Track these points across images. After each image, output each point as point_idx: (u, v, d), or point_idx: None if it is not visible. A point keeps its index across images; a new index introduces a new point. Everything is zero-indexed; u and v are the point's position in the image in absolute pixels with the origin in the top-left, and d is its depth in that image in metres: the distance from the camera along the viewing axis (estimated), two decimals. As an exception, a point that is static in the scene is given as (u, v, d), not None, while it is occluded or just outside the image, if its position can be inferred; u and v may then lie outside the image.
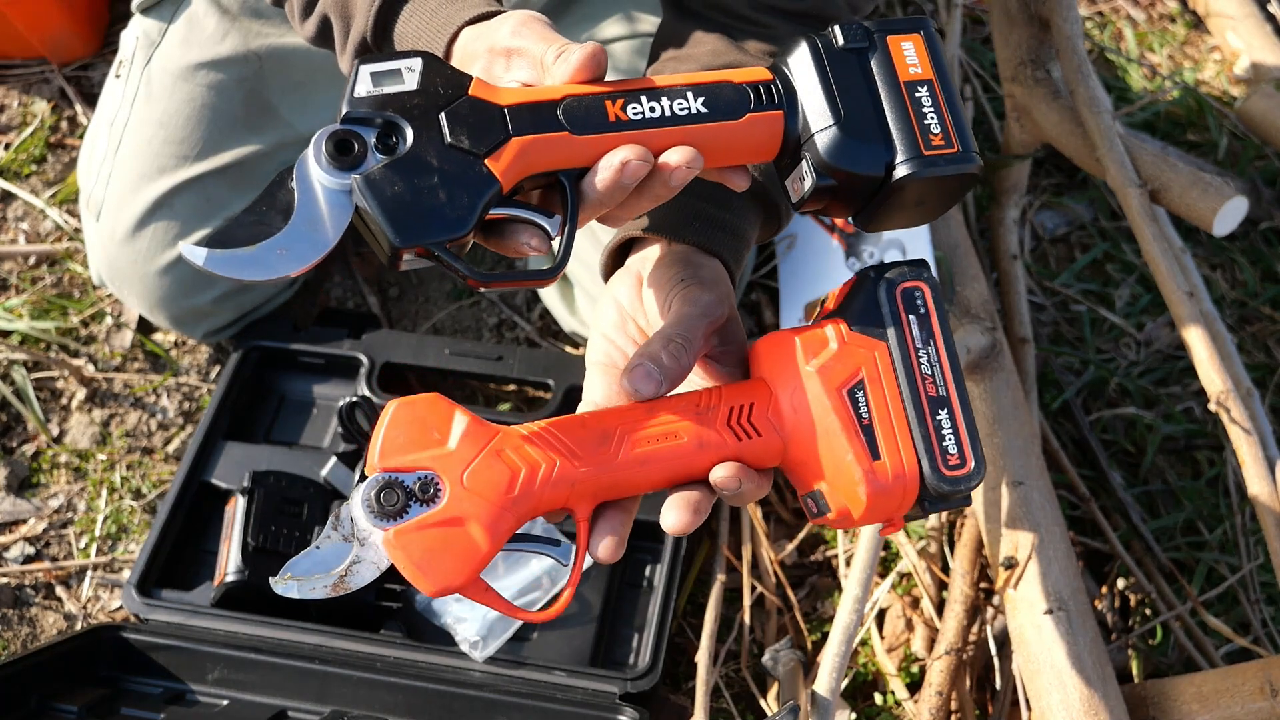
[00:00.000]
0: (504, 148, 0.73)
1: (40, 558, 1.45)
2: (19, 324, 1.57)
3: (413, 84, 0.73)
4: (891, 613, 1.43)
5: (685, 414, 0.78)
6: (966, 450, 0.77)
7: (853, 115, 0.77)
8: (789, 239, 1.60)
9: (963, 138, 0.78)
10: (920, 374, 0.77)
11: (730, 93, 0.78)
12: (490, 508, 0.73)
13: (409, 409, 0.74)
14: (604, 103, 0.75)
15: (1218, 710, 1.17)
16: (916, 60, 0.79)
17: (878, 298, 0.78)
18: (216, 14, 1.40)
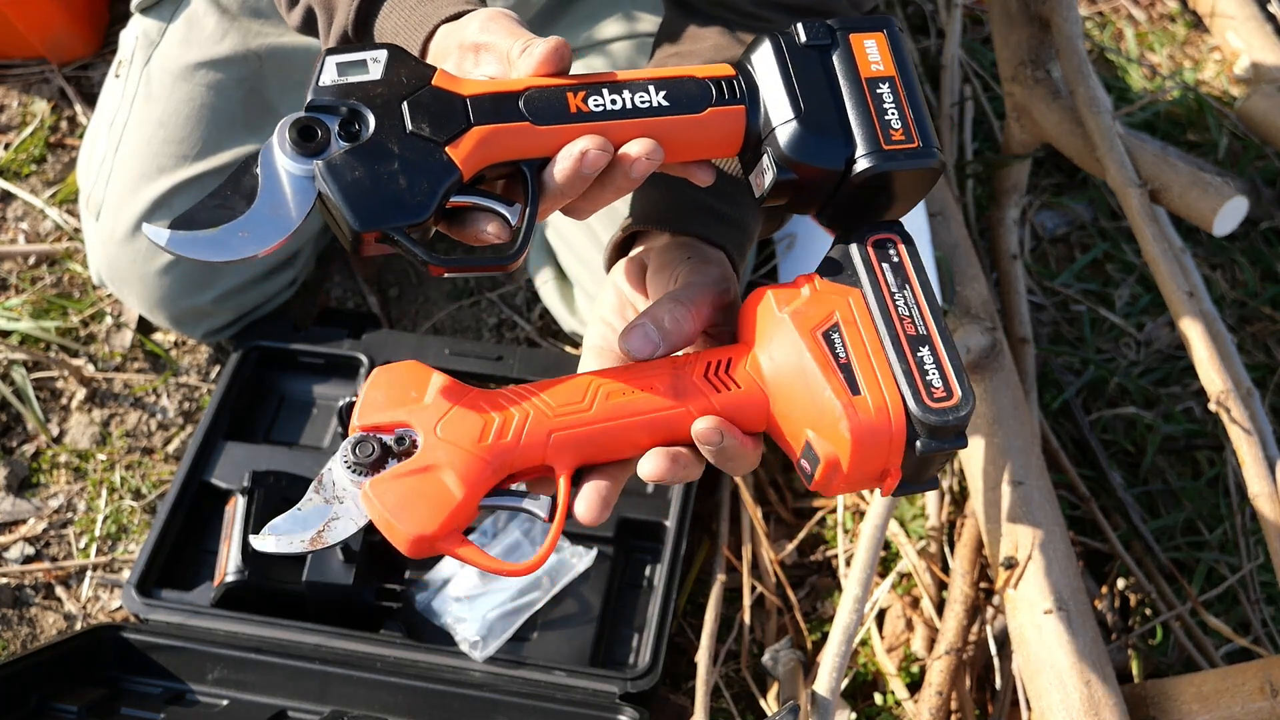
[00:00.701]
0: (464, 136, 0.74)
1: (40, 558, 1.45)
2: (19, 324, 1.57)
3: (377, 74, 0.74)
4: (891, 613, 1.43)
5: (661, 369, 0.78)
6: (952, 383, 0.75)
7: (813, 110, 0.78)
8: (789, 239, 1.60)
9: (924, 133, 0.79)
10: (897, 314, 0.76)
11: (693, 87, 0.79)
12: (464, 455, 0.74)
13: (387, 374, 0.76)
14: (566, 94, 0.76)
15: (1218, 710, 1.17)
16: (879, 58, 0.80)
17: (848, 250, 0.78)
18: (216, 13, 1.40)
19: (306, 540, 0.77)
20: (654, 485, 1.43)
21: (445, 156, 0.74)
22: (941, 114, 1.78)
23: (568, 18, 1.45)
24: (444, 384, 0.76)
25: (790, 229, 1.60)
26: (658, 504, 1.39)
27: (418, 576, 1.34)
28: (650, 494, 1.42)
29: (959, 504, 1.49)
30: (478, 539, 1.35)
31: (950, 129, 1.77)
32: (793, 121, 0.78)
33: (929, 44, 1.96)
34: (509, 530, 1.35)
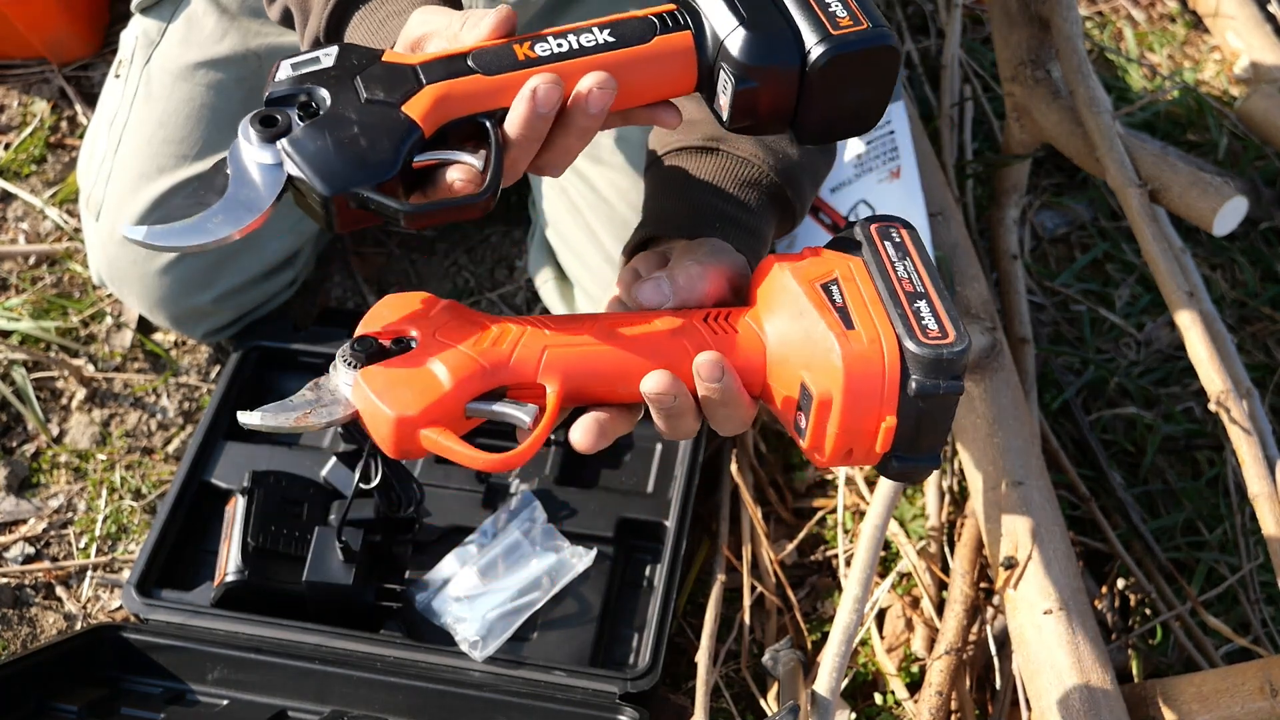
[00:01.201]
0: (418, 94, 0.76)
1: (40, 558, 1.45)
2: (19, 324, 1.57)
3: (329, 62, 0.77)
4: (891, 613, 1.43)
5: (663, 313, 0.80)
6: (947, 325, 0.74)
7: (756, 14, 0.79)
8: (789, 239, 1.60)
9: (870, 15, 0.79)
10: (896, 276, 0.77)
11: (637, 23, 0.80)
12: (457, 353, 0.75)
13: (396, 298, 0.79)
14: (512, 47, 0.79)
15: (1218, 710, 1.17)
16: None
17: (853, 230, 0.80)
18: (216, 13, 1.40)
19: (292, 419, 0.76)
20: (654, 485, 1.43)
21: (403, 114, 0.75)
22: (942, 114, 1.78)
23: (567, 18, 1.45)
24: (448, 303, 0.78)
25: (790, 229, 1.61)
26: (658, 504, 1.39)
27: (418, 576, 1.34)
28: (650, 494, 1.42)
29: (959, 504, 1.49)
30: (477, 538, 1.35)
31: (950, 129, 1.77)
32: (739, 28, 0.78)
33: (929, 44, 1.96)
34: (509, 530, 1.35)
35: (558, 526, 1.37)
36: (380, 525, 1.31)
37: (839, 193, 1.56)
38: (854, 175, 1.56)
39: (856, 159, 1.57)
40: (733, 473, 1.47)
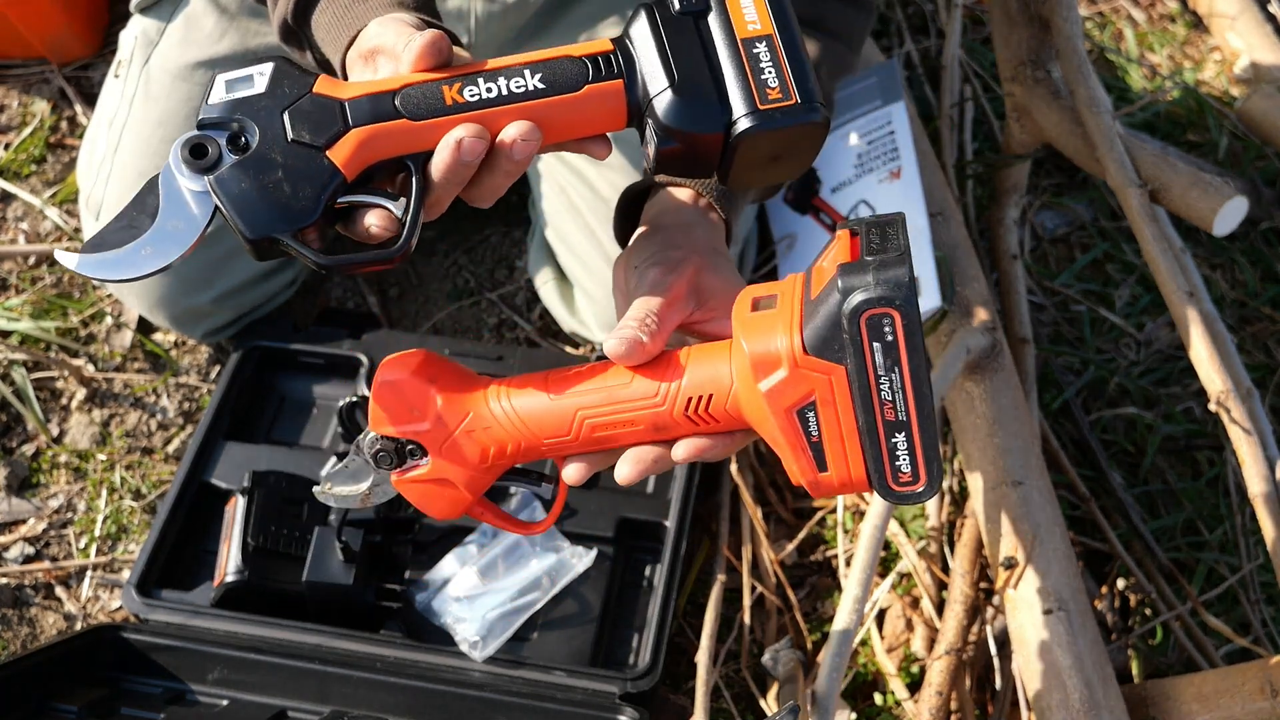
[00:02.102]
0: (343, 139, 0.77)
1: (40, 558, 1.45)
2: (19, 324, 1.57)
3: (262, 87, 0.78)
4: (891, 613, 1.43)
5: (646, 405, 0.80)
6: (921, 470, 0.76)
7: (686, 78, 0.79)
8: (789, 239, 1.60)
9: (803, 89, 0.79)
10: (879, 399, 0.74)
11: (569, 67, 0.80)
12: (466, 473, 0.84)
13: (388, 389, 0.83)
14: (441, 88, 0.78)
15: (1218, 710, 1.17)
16: (755, 16, 0.79)
17: (840, 323, 0.73)
18: (215, 13, 1.40)
19: (358, 500, 0.87)
20: (654, 485, 1.43)
21: (326, 161, 0.77)
22: (942, 114, 1.78)
23: (567, 18, 1.45)
24: (441, 405, 0.82)
25: (790, 229, 1.60)
26: (658, 504, 1.39)
27: (418, 576, 1.34)
28: (650, 494, 1.42)
29: (959, 504, 1.49)
30: (477, 537, 1.36)
31: (950, 129, 1.77)
32: (667, 91, 0.79)
33: (929, 44, 1.96)
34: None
35: (558, 526, 1.37)
36: (380, 525, 1.31)
37: (839, 193, 1.56)
38: (854, 175, 1.56)
39: (857, 159, 1.57)
40: (733, 473, 1.47)
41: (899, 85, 1.58)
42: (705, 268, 0.89)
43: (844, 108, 1.61)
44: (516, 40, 1.46)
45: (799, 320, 0.75)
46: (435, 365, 0.84)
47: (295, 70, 0.79)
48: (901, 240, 0.74)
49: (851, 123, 1.59)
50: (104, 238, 0.77)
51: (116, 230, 0.77)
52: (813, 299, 0.75)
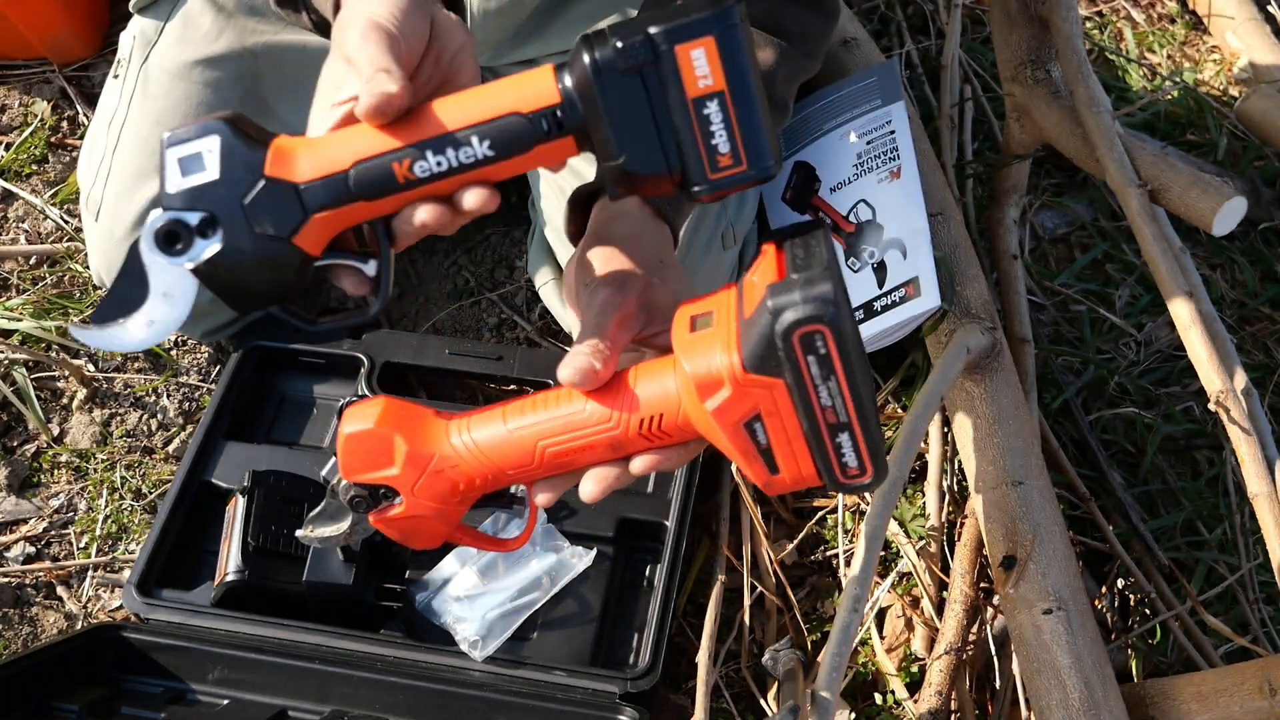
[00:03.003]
0: (305, 226, 0.80)
1: (41, 557, 1.45)
2: (20, 324, 1.57)
3: (215, 171, 0.79)
4: (891, 613, 1.43)
5: (602, 429, 0.83)
6: (867, 462, 0.80)
7: (636, 152, 0.79)
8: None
9: (754, 150, 0.78)
10: (820, 406, 0.77)
11: (518, 127, 0.79)
12: (439, 508, 0.88)
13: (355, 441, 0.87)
14: (391, 165, 0.79)
15: (1217, 710, 1.17)
16: (707, 70, 0.77)
17: (775, 342, 0.75)
18: (212, 12, 1.40)
19: (340, 538, 0.92)
20: (654, 485, 1.43)
21: (294, 247, 0.81)
22: (942, 114, 1.78)
23: (566, 17, 1.45)
24: (406, 453, 0.86)
25: (790, 229, 1.60)
26: (658, 504, 1.39)
27: (418, 576, 1.34)
28: (650, 494, 1.42)
29: (959, 504, 1.49)
30: (478, 538, 1.36)
31: (950, 129, 1.77)
32: (616, 164, 0.80)
33: (929, 44, 1.96)
34: (509, 530, 1.36)
35: (558, 526, 1.37)
36: (380, 525, 1.31)
37: (839, 192, 1.56)
38: (854, 175, 1.56)
39: (856, 159, 1.57)
40: (733, 472, 1.47)
41: (899, 85, 1.58)
42: (652, 284, 0.93)
43: (844, 107, 1.61)
44: (515, 40, 1.46)
45: (736, 340, 0.78)
46: (396, 411, 0.87)
47: (241, 142, 0.80)
48: (824, 253, 0.77)
49: (851, 122, 1.59)
50: (109, 310, 0.83)
51: (116, 303, 0.82)
52: (747, 318, 0.77)
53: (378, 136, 0.80)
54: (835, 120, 1.61)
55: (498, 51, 1.48)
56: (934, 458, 1.49)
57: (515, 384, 1.54)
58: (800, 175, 1.62)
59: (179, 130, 0.80)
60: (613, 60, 0.77)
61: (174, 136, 0.80)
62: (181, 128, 0.81)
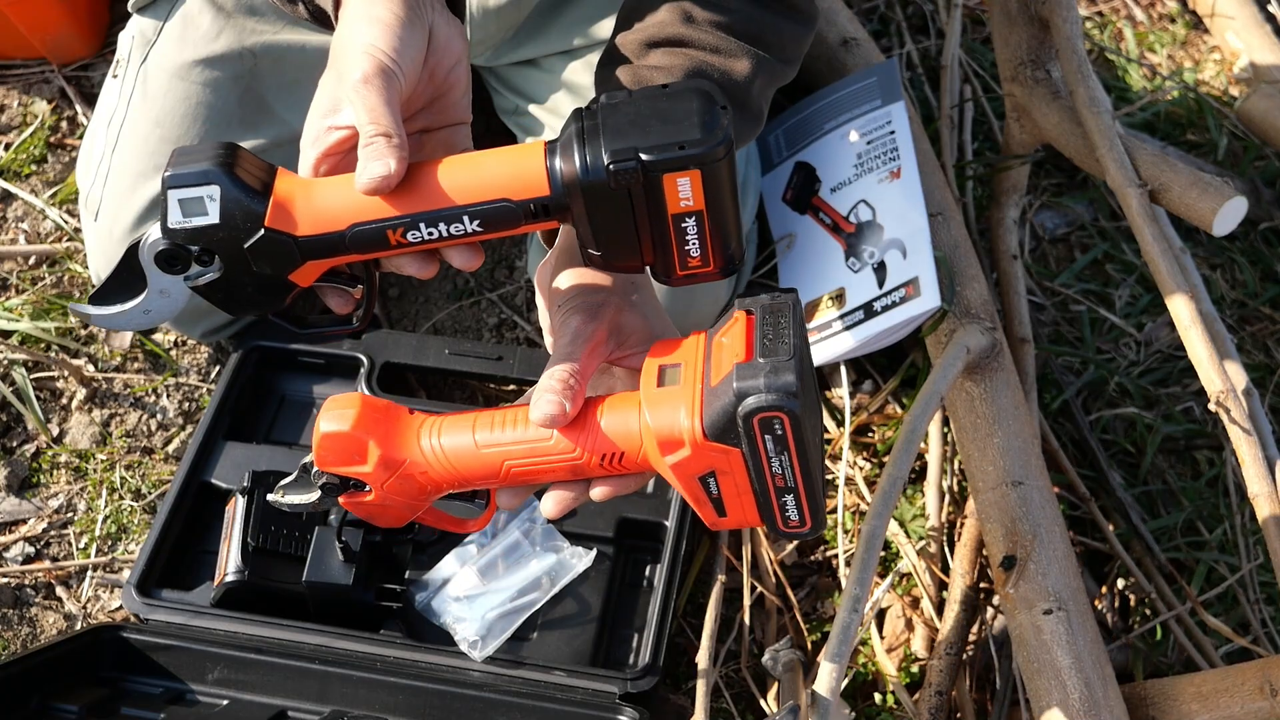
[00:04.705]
0: (302, 268, 0.86)
1: (40, 558, 1.45)
2: (19, 324, 1.57)
3: (215, 215, 0.84)
4: (891, 613, 1.43)
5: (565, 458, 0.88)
6: (807, 517, 0.86)
7: (612, 246, 0.84)
8: (788, 239, 1.60)
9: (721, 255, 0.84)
10: (770, 473, 0.83)
11: (507, 211, 0.84)
12: (408, 502, 0.93)
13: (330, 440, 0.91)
14: (386, 231, 0.84)
15: (1217, 710, 1.17)
16: (690, 195, 0.81)
17: (735, 422, 0.81)
18: (211, 11, 1.40)
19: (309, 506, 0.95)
20: (654, 485, 1.43)
21: (287, 281, 0.87)
22: (942, 114, 1.78)
23: (566, 17, 1.45)
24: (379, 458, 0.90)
25: (789, 228, 1.60)
26: (658, 504, 1.39)
27: (417, 576, 1.34)
28: (650, 494, 1.42)
29: (959, 504, 1.49)
30: (477, 538, 1.36)
31: (950, 129, 1.77)
32: (594, 253, 0.85)
33: (929, 44, 1.96)
34: (508, 530, 1.36)
35: (558, 526, 1.37)
36: (380, 525, 1.31)
37: (839, 193, 1.56)
38: (854, 175, 1.56)
39: (857, 159, 1.57)
40: (733, 473, 1.47)
41: (899, 85, 1.58)
42: (623, 308, 0.95)
43: (844, 107, 1.61)
44: (515, 39, 1.46)
45: (699, 405, 0.83)
46: (371, 414, 0.91)
47: (241, 193, 0.84)
48: (791, 336, 0.82)
49: (851, 122, 1.59)
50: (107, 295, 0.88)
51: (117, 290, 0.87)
52: (713, 386, 0.82)
53: (374, 201, 0.84)
54: (836, 120, 1.61)
55: (498, 51, 1.48)
56: (934, 458, 1.49)
57: (515, 384, 1.54)
58: (801, 175, 1.62)
59: (180, 171, 0.84)
60: (603, 179, 0.81)
61: (175, 178, 0.84)
62: (182, 168, 0.84)
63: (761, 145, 1.67)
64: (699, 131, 0.80)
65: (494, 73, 1.55)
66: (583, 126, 0.82)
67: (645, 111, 0.82)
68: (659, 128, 0.80)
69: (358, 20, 0.89)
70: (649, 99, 0.83)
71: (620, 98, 0.84)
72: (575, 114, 0.84)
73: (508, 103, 1.55)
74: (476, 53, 1.47)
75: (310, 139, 0.89)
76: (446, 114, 0.96)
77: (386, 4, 0.89)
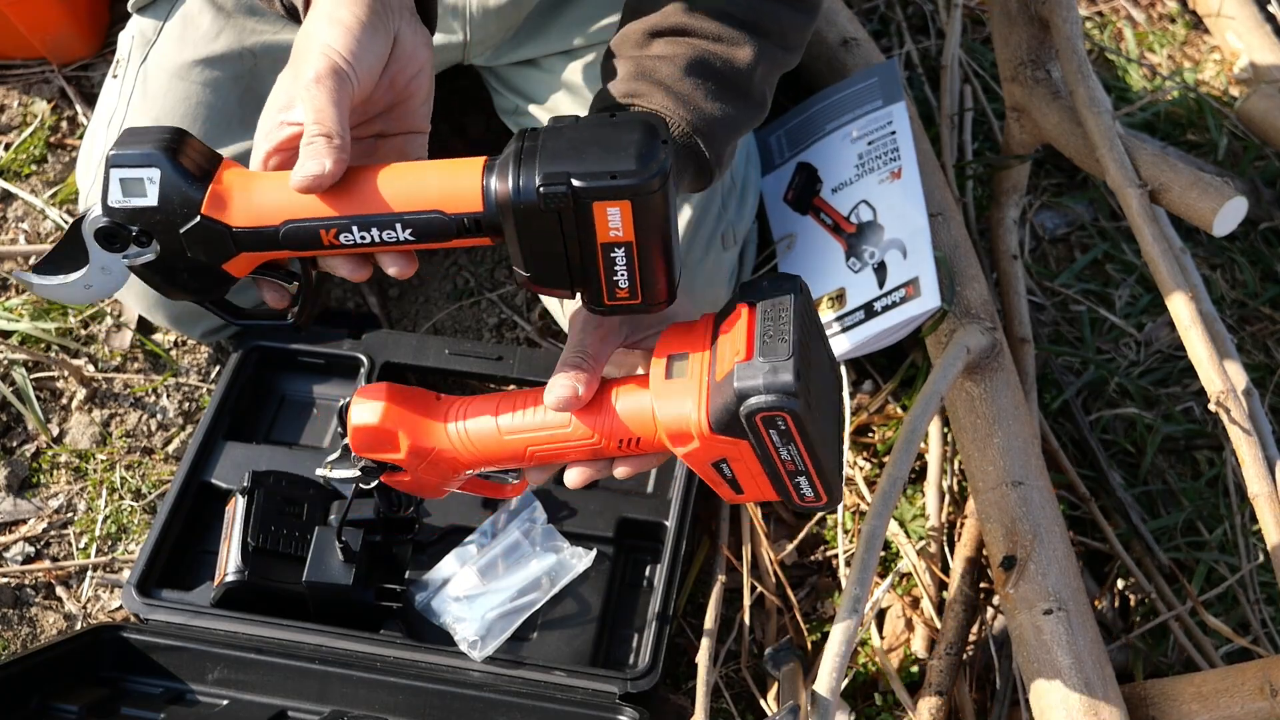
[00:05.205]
0: (235, 259, 0.87)
1: (40, 558, 1.45)
2: (19, 324, 1.57)
3: (154, 198, 0.85)
4: (891, 613, 1.43)
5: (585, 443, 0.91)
6: (821, 492, 0.88)
7: (542, 269, 0.85)
8: (789, 239, 1.60)
9: (649, 290, 0.85)
10: (780, 460, 0.85)
11: (439, 223, 0.84)
12: (442, 479, 0.98)
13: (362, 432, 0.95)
14: (319, 231, 0.85)
15: (1218, 710, 1.17)
16: (619, 225, 0.81)
17: (738, 417, 0.82)
18: (211, 11, 1.40)
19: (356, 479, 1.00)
20: (654, 485, 1.43)
21: (222, 270, 0.88)
22: (942, 114, 1.78)
23: (566, 17, 1.45)
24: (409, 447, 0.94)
25: (790, 229, 1.60)
26: (658, 504, 1.39)
27: (418, 576, 1.34)
28: (650, 494, 1.42)
29: (959, 504, 1.49)
30: (477, 538, 1.36)
31: (950, 129, 1.77)
32: (524, 274, 0.86)
33: (929, 44, 1.96)
34: (509, 530, 1.36)
35: (558, 526, 1.37)
36: (380, 525, 1.31)
37: (840, 193, 1.56)
38: (855, 176, 1.56)
39: (858, 159, 1.57)
40: (733, 473, 1.47)
41: (899, 85, 1.58)
42: None
43: (845, 108, 1.61)
44: (515, 39, 1.46)
45: (706, 400, 0.85)
46: (400, 403, 0.95)
47: (180, 178, 0.84)
48: (790, 331, 0.82)
49: (853, 123, 1.59)
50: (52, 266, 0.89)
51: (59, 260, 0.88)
52: (717, 382, 0.84)
53: (311, 199, 0.84)
54: (837, 121, 1.61)
55: (498, 51, 1.48)
56: (934, 458, 1.49)
57: (515, 384, 1.54)
58: (803, 176, 1.62)
59: (123, 152, 0.84)
60: (533, 201, 0.81)
61: (117, 158, 0.84)
62: (126, 148, 0.85)
63: (764, 146, 1.67)
64: (634, 162, 0.79)
65: (494, 73, 1.55)
66: (522, 147, 0.82)
67: (586, 138, 0.82)
68: (595, 155, 0.80)
69: (320, 19, 0.90)
70: (593, 126, 0.83)
71: (566, 122, 0.84)
72: (519, 134, 0.84)
73: (508, 103, 1.55)
74: (476, 52, 1.47)
75: (263, 132, 0.89)
76: (404, 121, 0.96)
77: (351, 7, 0.90)
